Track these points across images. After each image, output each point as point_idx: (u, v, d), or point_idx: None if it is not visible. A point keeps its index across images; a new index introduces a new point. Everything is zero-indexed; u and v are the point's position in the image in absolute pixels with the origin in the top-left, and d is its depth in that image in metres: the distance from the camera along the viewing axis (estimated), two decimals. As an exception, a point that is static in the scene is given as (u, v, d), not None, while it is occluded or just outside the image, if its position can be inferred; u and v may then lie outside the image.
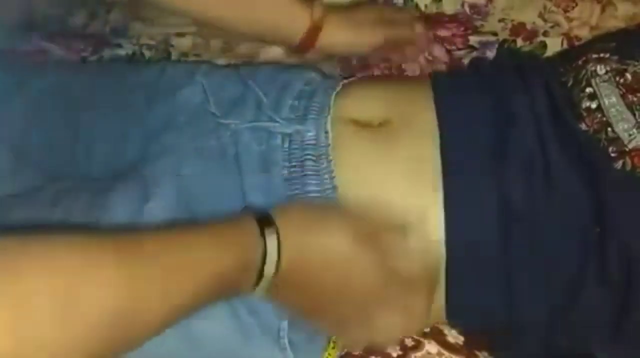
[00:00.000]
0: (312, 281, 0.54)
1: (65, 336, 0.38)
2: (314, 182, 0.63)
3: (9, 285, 0.36)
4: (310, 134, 0.65)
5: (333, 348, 0.66)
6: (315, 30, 0.73)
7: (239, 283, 0.51)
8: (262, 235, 0.51)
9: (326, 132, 0.65)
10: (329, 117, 0.66)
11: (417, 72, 0.82)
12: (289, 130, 0.65)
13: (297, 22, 0.73)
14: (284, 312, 0.60)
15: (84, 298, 0.39)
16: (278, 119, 0.66)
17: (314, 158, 0.64)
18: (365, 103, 0.68)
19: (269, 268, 0.51)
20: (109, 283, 0.41)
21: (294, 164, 0.64)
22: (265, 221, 0.52)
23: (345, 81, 0.72)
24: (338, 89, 0.69)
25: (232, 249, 0.50)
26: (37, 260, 0.38)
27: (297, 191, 0.63)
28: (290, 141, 0.65)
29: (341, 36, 0.76)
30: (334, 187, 0.62)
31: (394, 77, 0.79)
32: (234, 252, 0.50)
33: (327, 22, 0.74)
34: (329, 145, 0.64)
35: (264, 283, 0.52)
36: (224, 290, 0.50)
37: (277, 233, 0.52)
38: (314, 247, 0.54)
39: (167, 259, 0.46)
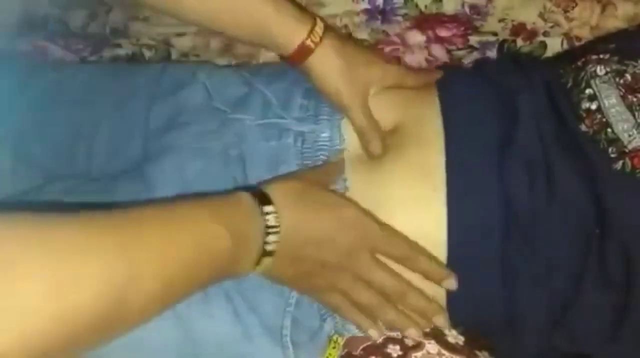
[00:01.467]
0: (299, 254, 0.56)
1: (62, 328, 0.38)
2: None
3: (1, 271, 0.36)
4: (324, 134, 0.66)
5: (334, 348, 0.66)
6: (305, 51, 0.65)
7: (237, 261, 0.52)
8: (261, 211, 0.53)
9: (342, 136, 0.66)
10: (343, 120, 0.67)
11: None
12: (304, 129, 0.66)
13: (289, 36, 0.65)
14: (273, 283, 0.61)
15: (82, 282, 0.39)
16: (289, 118, 0.66)
17: (325, 158, 0.65)
18: (374, 103, 0.68)
19: (272, 245, 0.53)
20: (102, 267, 0.40)
21: (307, 162, 0.65)
22: (262, 198, 0.54)
23: None
24: None
25: (225, 224, 0.50)
26: (32, 241, 0.38)
27: None
28: (302, 140, 0.65)
29: (332, 72, 0.66)
30: (346, 188, 0.63)
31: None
32: (227, 227, 0.50)
33: (321, 47, 0.66)
34: (345, 148, 0.66)
35: (266, 260, 0.54)
36: (219, 269, 0.51)
37: (276, 211, 0.54)
38: (305, 224, 0.56)
39: (159, 235, 0.46)
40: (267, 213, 0.53)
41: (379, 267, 0.59)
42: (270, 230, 0.53)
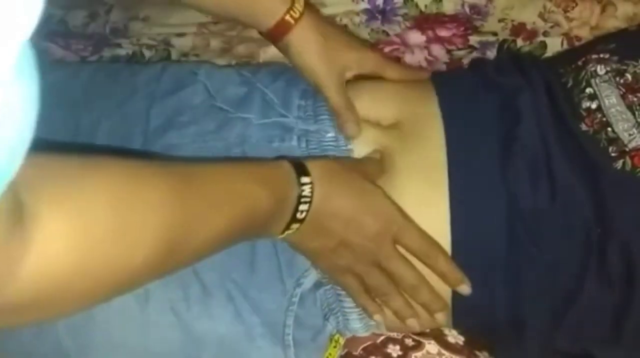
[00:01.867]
0: (326, 227, 0.58)
1: (124, 253, 0.40)
2: None
3: (72, 199, 0.37)
4: (329, 134, 0.66)
5: (334, 347, 0.66)
6: (285, 26, 0.67)
7: (271, 223, 0.55)
8: (298, 181, 0.55)
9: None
10: None
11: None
12: (309, 128, 0.66)
13: (269, 11, 0.66)
14: (298, 252, 0.62)
15: (140, 219, 0.41)
16: (291, 116, 0.66)
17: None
18: (373, 102, 0.68)
19: (302, 213, 0.56)
20: (162, 208, 0.43)
21: None
22: (300, 169, 0.56)
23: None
24: None
25: (269, 187, 0.53)
26: (98, 177, 0.40)
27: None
28: (307, 141, 0.65)
29: (310, 49, 0.68)
30: None
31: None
32: (271, 191, 0.53)
33: (301, 23, 0.67)
34: (351, 148, 0.66)
35: (294, 226, 0.56)
36: (256, 228, 0.54)
37: (312, 182, 0.56)
38: (336, 201, 0.58)
39: (214, 190, 0.49)
40: (304, 184, 0.56)
41: (398, 257, 0.60)
42: (303, 199, 0.56)
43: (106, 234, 0.39)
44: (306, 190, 0.56)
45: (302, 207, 0.56)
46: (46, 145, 0.32)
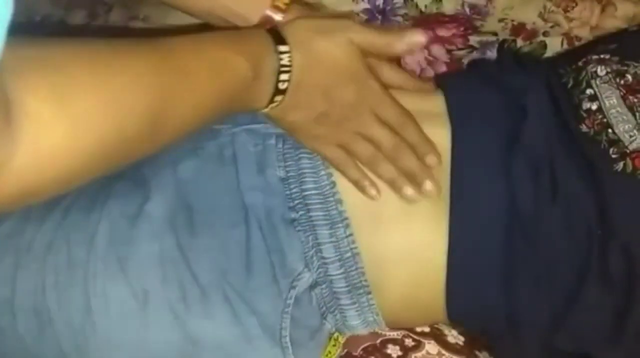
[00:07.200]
0: (309, 95, 0.59)
1: (115, 128, 0.43)
2: (310, 179, 0.63)
3: (56, 85, 0.39)
4: None
5: (334, 345, 0.66)
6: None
7: (254, 94, 0.56)
8: (276, 49, 0.56)
9: None
10: None
11: (417, 73, 0.82)
12: (281, 130, 0.65)
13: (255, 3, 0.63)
14: (284, 129, 0.63)
15: (126, 93, 0.44)
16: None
17: (308, 155, 0.64)
18: None
19: (284, 83, 0.57)
20: (142, 82, 0.45)
21: (289, 163, 0.64)
22: (277, 38, 0.57)
23: None
24: None
25: (246, 56, 0.54)
26: (79, 61, 0.42)
27: (294, 190, 0.63)
28: (284, 141, 0.65)
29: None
30: (333, 183, 0.63)
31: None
32: (248, 58, 0.54)
33: (290, 10, 0.63)
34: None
35: (278, 98, 0.58)
36: (238, 98, 0.55)
37: (290, 51, 0.57)
38: (315, 68, 0.59)
39: (191, 60, 0.51)
40: (282, 52, 0.56)
41: (379, 124, 0.61)
42: (283, 69, 0.56)
43: (96, 114, 0.41)
44: (285, 59, 0.56)
45: (283, 76, 0.56)
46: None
